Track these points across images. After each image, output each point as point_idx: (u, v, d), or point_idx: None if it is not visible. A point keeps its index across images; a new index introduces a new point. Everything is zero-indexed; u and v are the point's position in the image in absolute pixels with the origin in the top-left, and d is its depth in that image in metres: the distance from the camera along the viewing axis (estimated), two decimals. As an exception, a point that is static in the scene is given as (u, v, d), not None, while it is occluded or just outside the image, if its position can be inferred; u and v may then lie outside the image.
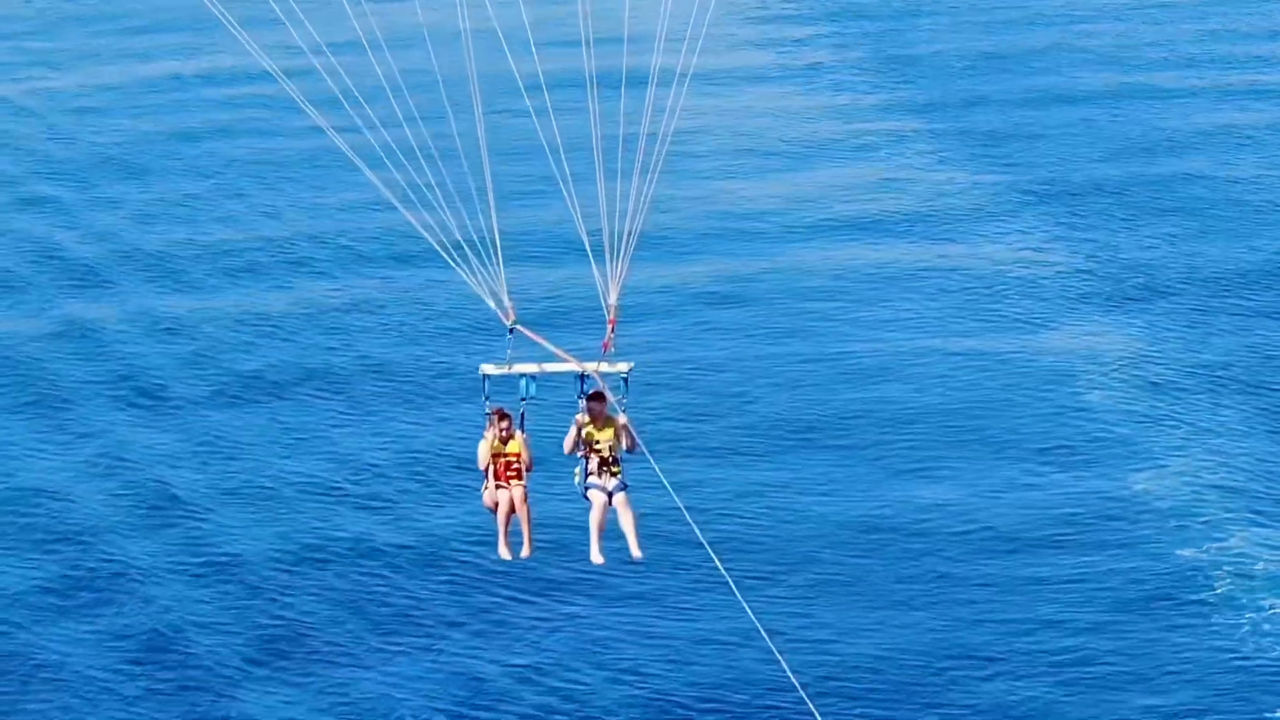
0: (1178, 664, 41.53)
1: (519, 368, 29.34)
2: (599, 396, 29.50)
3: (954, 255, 64.34)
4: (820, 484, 49.68)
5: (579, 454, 29.87)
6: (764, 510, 48.35)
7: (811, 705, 37.69)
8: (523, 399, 29.48)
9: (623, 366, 29.56)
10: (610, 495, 29.75)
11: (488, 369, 29.49)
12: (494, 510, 29.98)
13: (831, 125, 77.12)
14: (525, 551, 30.33)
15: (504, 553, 30.28)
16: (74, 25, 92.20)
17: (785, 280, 62.55)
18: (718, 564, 35.67)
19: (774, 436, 52.52)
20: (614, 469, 29.83)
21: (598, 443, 29.70)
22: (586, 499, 29.88)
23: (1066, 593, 44.37)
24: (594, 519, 29.76)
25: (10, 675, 42.54)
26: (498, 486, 29.79)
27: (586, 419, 29.61)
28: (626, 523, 29.75)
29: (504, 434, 29.60)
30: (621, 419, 29.53)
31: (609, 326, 29.33)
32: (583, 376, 29.44)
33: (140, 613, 44.55)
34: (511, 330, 29.23)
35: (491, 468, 29.74)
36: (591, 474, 29.87)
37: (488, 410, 29.67)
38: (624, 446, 29.61)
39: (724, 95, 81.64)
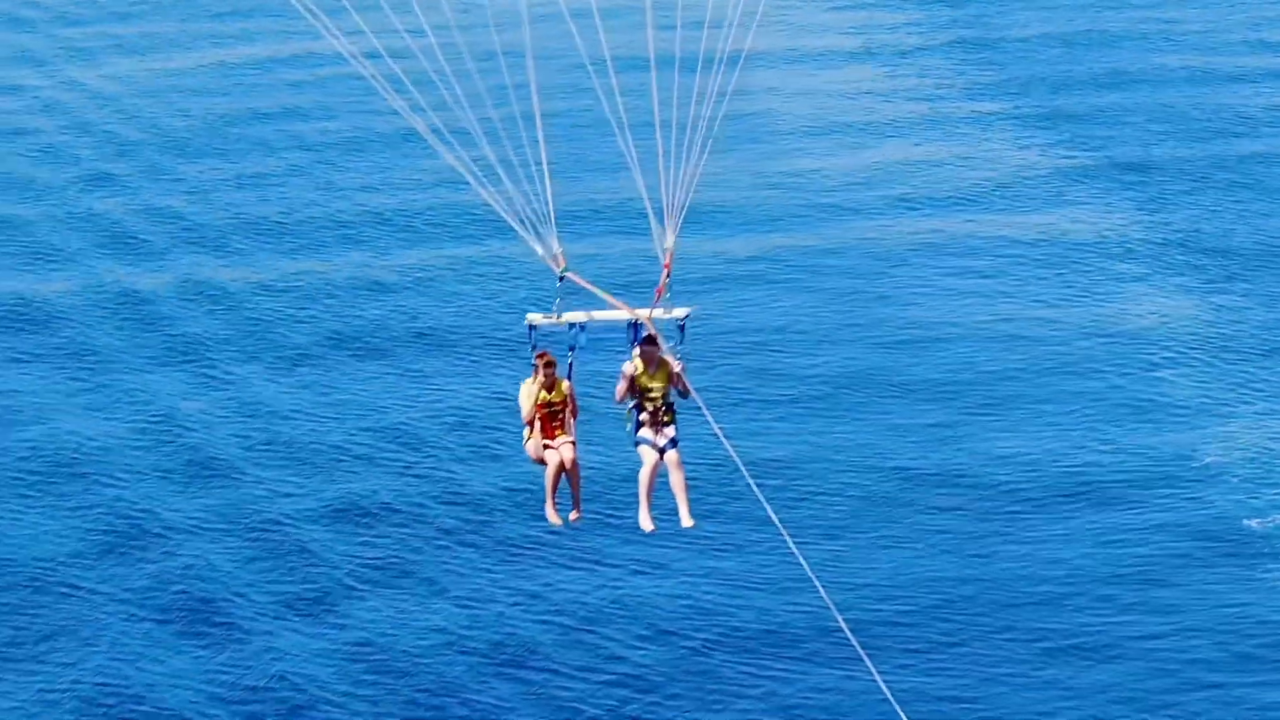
0: (1234, 619, 41.29)
1: (568, 316, 27.50)
2: (653, 340, 27.70)
3: (1031, 227, 63.36)
4: (900, 435, 49.38)
5: (630, 403, 28.06)
6: (839, 463, 47.39)
7: (863, 652, 36.00)
8: (571, 349, 27.70)
9: (679, 312, 27.70)
10: (662, 452, 27.93)
11: (534, 318, 27.67)
12: (540, 462, 28.21)
13: (913, 105, 76.01)
14: (575, 516, 28.54)
15: (552, 517, 28.48)
16: (160, 10, 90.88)
17: (868, 248, 61.91)
18: (773, 518, 33.79)
19: (848, 389, 52.08)
20: (666, 418, 28.02)
21: (650, 390, 27.88)
22: (638, 452, 28.10)
23: (1128, 545, 43.90)
24: (643, 478, 27.92)
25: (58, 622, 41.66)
26: (545, 445, 28.04)
27: (637, 366, 27.81)
28: (678, 484, 27.90)
29: (548, 379, 27.84)
30: (676, 365, 27.69)
31: (664, 271, 27.45)
32: (636, 325, 27.60)
33: (180, 570, 43.63)
34: (561, 278, 27.41)
35: (536, 420, 27.97)
36: (643, 425, 28.08)
37: (534, 358, 27.91)
38: (677, 392, 27.83)
39: (805, 74, 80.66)
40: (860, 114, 74.83)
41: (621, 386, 27.76)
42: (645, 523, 27.99)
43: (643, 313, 27.41)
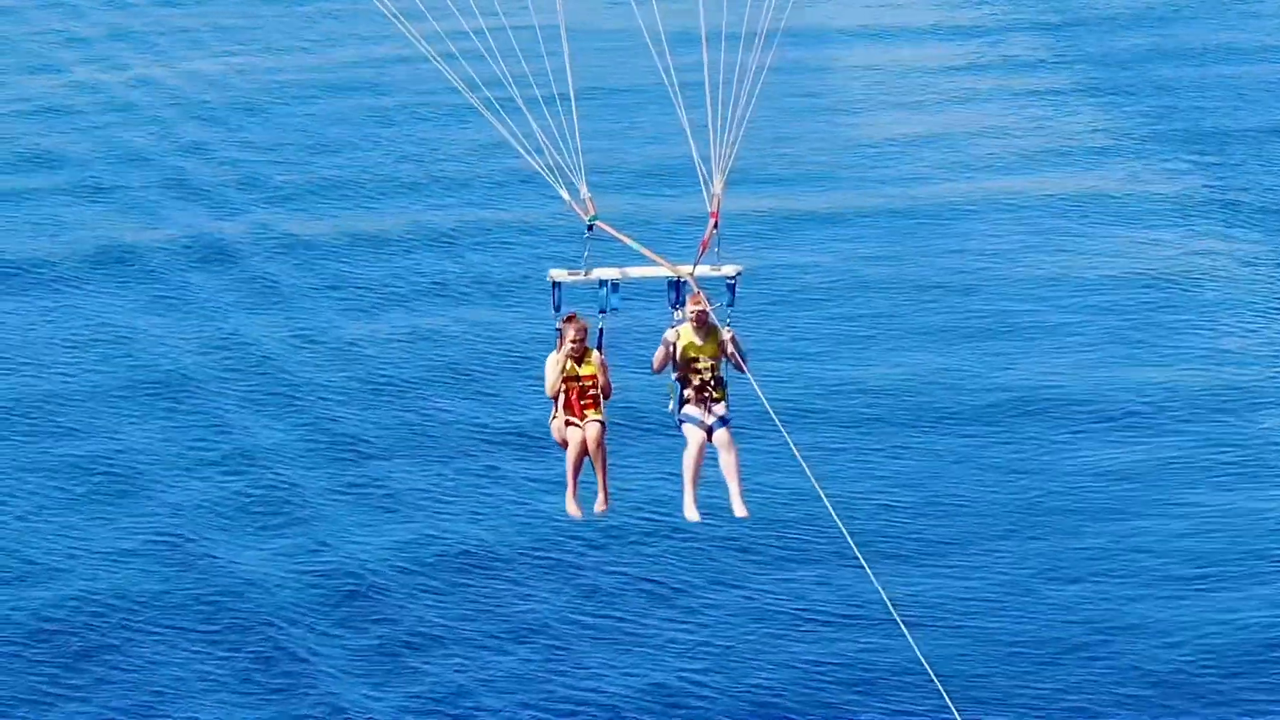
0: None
1: (597, 273, 23.38)
2: (699, 301, 23.74)
3: (1104, 188, 60.83)
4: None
5: (672, 375, 24.11)
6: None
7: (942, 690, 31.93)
8: (602, 311, 23.65)
9: (729, 270, 23.67)
10: (710, 431, 23.95)
11: (558, 275, 23.54)
12: (562, 444, 24.16)
13: (992, 79, 73.10)
14: (600, 506, 24.41)
15: (573, 509, 24.33)
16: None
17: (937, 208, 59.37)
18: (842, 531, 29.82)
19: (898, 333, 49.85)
20: (716, 394, 24.05)
21: (697, 360, 23.86)
22: (681, 432, 24.12)
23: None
24: (688, 461, 23.88)
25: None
26: (568, 422, 23.97)
27: (681, 332, 23.86)
28: (729, 467, 23.83)
29: (576, 350, 23.87)
30: (727, 332, 23.74)
31: (710, 221, 23.49)
32: (678, 284, 23.61)
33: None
34: (590, 227, 23.40)
35: (562, 395, 23.97)
36: (688, 401, 24.07)
37: (558, 323, 23.93)
38: (729, 365, 23.85)
39: (883, 50, 77.83)
40: (931, 90, 72.03)
41: (660, 355, 23.76)
42: (690, 512, 24.00)
43: (685, 269, 23.41)
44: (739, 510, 23.85)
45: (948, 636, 36.39)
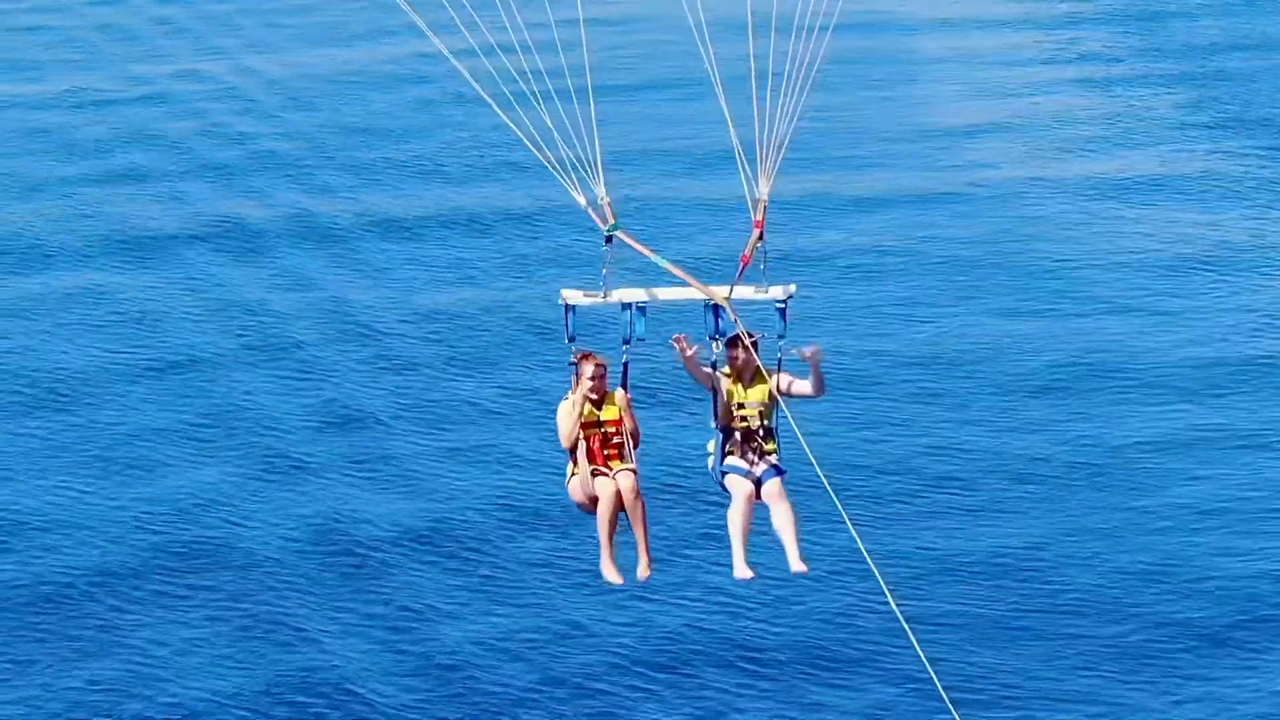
0: None
1: (620, 294, 19.44)
2: (740, 341, 19.71)
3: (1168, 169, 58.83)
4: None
5: (712, 424, 20.05)
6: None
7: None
8: (626, 342, 19.63)
9: (778, 291, 19.60)
10: (759, 484, 19.89)
11: (572, 296, 19.55)
12: (589, 509, 20.21)
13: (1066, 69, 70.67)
14: (643, 572, 20.27)
15: (610, 574, 20.21)
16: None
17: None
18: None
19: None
20: (767, 446, 19.99)
21: (743, 406, 19.88)
22: (724, 488, 20.05)
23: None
24: (735, 518, 19.77)
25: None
26: (594, 473, 20.00)
27: (722, 375, 19.85)
28: (783, 522, 19.71)
29: (596, 391, 19.90)
30: (807, 350, 19.59)
31: (754, 231, 19.48)
32: (717, 311, 19.58)
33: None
34: (609, 239, 19.47)
35: (582, 445, 20.01)
36: (731, 453, 20.01)
37: (573, 358, 19.95)
38: (782, 410, 19.75)
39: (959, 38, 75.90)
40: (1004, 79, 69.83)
41: (702, 373, 19.73)
42: (741, 570, 19.89)
43: (721, 291, 19.39)
44: (796, 566, 19.72)
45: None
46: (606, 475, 19.83)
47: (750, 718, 31.05)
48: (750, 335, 19.43)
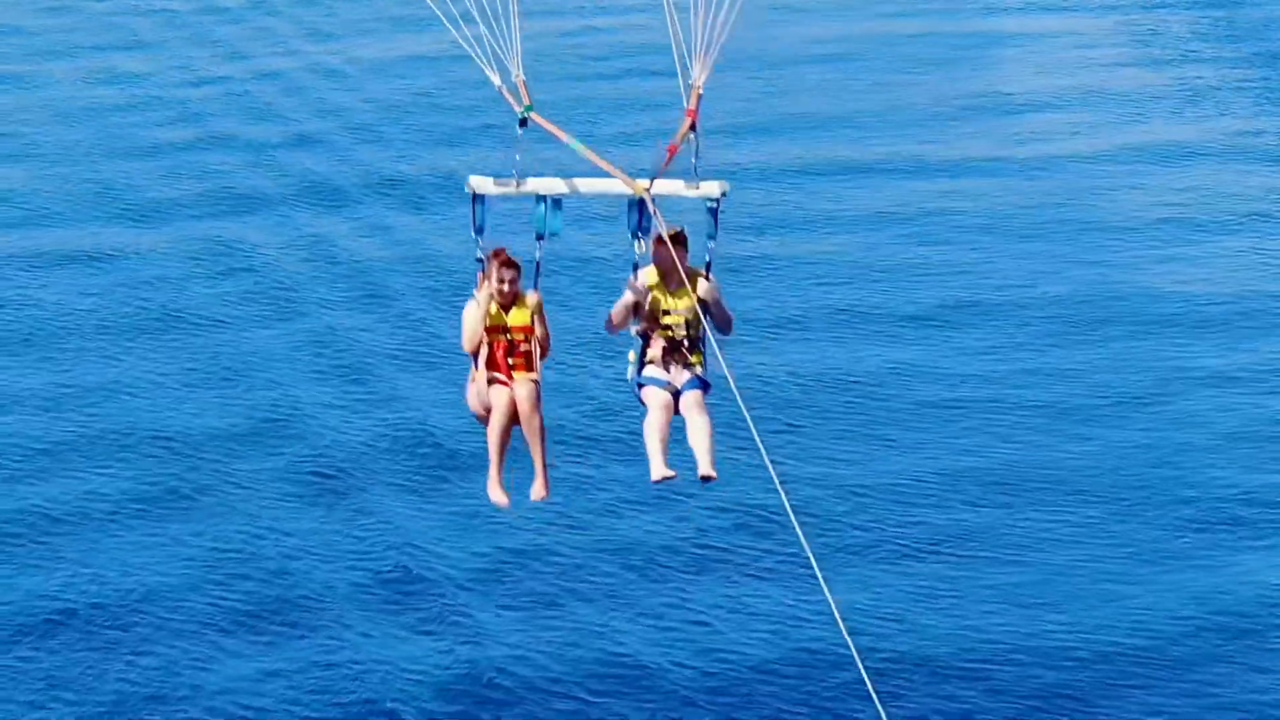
0: None
1: (533, 184, 17.56)
2: (679, 240, 17.87)
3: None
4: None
5: (633, 330, 18.28)
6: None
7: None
8: (539, 237, 17.80)
9: (711, 188, 17.65)
10: (678, 396, 18.08)
11: (480, 184, 17.66)
12: (482, 415, 18.42)
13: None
14: (538, 491, 18.45)
15: (498, 495, 18.32)
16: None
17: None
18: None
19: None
20: (691, 357, 18.23)
21: (668, 314, 18.03)
22: (641, 401, 18.27)
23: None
24: (651, 427, 17.81)
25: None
26: (491, 380, 18.23)
27: (648, 278, 18.02)
28: (699, 434, 17.78)
29: (505, 292, 18.04)
30: (707, 281, 17.92)
31: (686, 119, 17.63)
32: (640, 205, 17.70)
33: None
34: (523, 122, 17.58)
35: (484, 348, 18.21)
36: (653, 362, 18.16)
37: (479, 254, 18.08)
38: (712, 321, 17.98)
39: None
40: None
41: (621, 309, 18.01)
42: (660, 469, 17.58)
43: (642, 184, 17.50)
44: (705, 469, 17.68)
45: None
46: (505, 385, 18.04)
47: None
48: (673, 229, 17.61)
